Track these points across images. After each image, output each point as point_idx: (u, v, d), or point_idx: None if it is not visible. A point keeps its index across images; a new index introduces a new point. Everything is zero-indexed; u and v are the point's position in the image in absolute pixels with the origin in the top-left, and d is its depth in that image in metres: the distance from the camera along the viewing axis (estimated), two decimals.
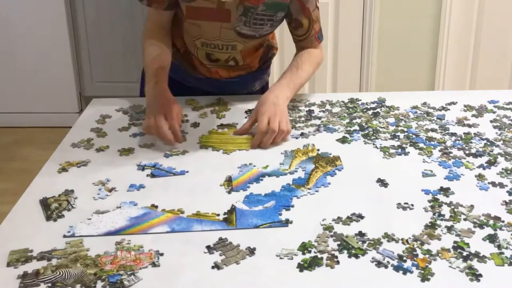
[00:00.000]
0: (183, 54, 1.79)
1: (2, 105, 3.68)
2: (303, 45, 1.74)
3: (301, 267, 1.05)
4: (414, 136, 1.54)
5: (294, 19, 1.68)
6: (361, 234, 1.14)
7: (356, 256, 1.08)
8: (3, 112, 3.70)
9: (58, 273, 1.04)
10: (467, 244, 1.11)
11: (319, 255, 1.08)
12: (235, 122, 1.62)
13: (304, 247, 1.10)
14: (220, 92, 1.82)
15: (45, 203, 1.26)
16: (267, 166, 1.40)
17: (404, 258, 1.07)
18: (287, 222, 1.19)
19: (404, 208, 1.23)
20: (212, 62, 1.76)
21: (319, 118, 1.66)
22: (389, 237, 1.13)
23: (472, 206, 1.23)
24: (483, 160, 1.42)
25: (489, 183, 1.32)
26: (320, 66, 1.79)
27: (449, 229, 1.15)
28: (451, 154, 1.45)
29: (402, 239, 1.12)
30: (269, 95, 1.58)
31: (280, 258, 1.08)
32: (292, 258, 1.08)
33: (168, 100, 1.54)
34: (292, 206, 1.24)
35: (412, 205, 1.23)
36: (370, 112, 1.69)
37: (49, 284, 1.02)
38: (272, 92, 1.60)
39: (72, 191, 1.31)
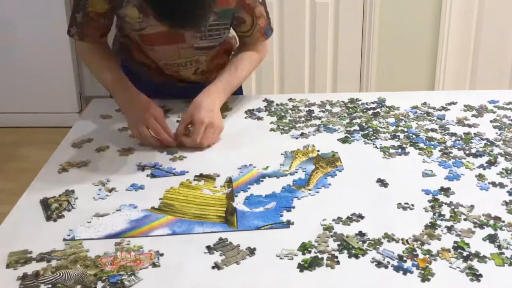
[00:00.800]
0: (154, 69, 1.73)
1: (2, 105, 3.68)
2: (249, 41, 1.68)
3: (301, 267, 1.05)
4: (414, 136, 1.54)
5: (236, 17, 1.61)
6: (361, 234, 1.14)
7: (356, 256, 1.08)
8: (3, 112, 3.70)
9: (58, 274, 1.04)
10: (467, 244, 1.11)
11: (319, 255, 1.08)
12: (216, 173, 1.37)
13: (304, 247, 1.10)
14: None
15: (45, 203, 1.26)
16: (267, 167, 1.40)
17: (404, 258, 1.07)
18: (288, 223, 1.18)
19: (404, 208, 1.23)
20: (180, 81, 1.74)
21: (319, 118, 1.66)
22: (389, 237, 1.13)
23: (472, 206, 1.23)
24: (483, 160, 1.42)
25: (489, 183, 1.32)
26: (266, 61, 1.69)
27: (449, 229, 1.15)
28: (451, 154, 1.45)
29: (402, 239, 1.12)
30: (205, 100, 1.52)
31: (280, 258, 1.08)
32: (292, 258, 1.08)
33: (144, 103, 1.51)
34: (293, 207, 1.24)
35: (412, 205, 1.23)
36: (370, 112, 1.69)
37: (49, 286, 1.02)
38: (208, 97, 1.54)
39: (73, 191, 1.31)
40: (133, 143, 1.53)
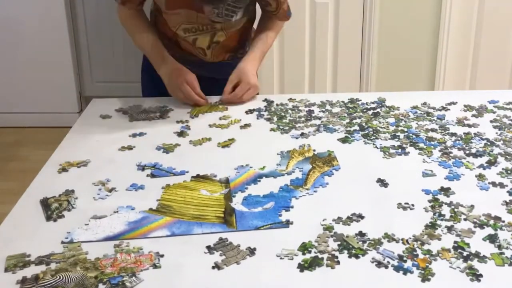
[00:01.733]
0: (175, 42, 1.85)
1: (2, 105, 3.67)
2: (273, 20, 1.89)
3: (302, 267, 1.05)
4: (414, 136, 1.54)
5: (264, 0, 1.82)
6: (361, 234, 1.14)
7: (357, 256, 1.08)
8: (3, 112, 3.69)
9: (58, 277, 1.03)
10: (468, 244, 1.11)
11: (320, 255, 1.08)
12: (213, 174, 1.37)
13: (304, 247, 1.10)
14: (213, 75, 1.86)
15: (45, 203, 1.26)
16: (264, 167, 1.40)
17: (405, 258, 1.07)
18: (287, 223, 1.18)
19: (404, 208, 1.23)
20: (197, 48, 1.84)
21: (319, 118, 1.66)
22: (390, 237, 1.13)
23: (472, 206, 1.23)
24: (483, 160, 1.42)
25: (489, 183, 1.32)
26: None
27: (450, 229, 1.15)
28: (451, 154, 1.45)
29: (402, 239, 1.12)
30: (248, 66, 1.78)
31: (281, 258, 1.08)
32: (292, 258, 1.08)
33: (179, 71, 1.75)
34: (292, 207, 1.24)
35: (413, 205, 1.23)
36: (370, 112, 1.69)
37: None
38: (250, 62, 1.79)
39: (73, 191, 1.30)
40: (133, 143, 1.53)
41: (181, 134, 1.58)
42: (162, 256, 1.09)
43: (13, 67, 3.59)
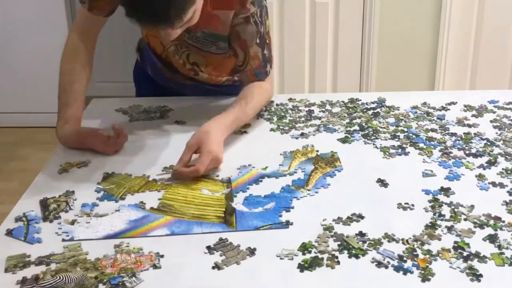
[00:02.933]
0: (164, 58, 1.74)
1: (2, 105, 3.67)
2: (240, 78, 1.63)
3: (302, 267, 1.06)
4: (414, 136, 1.54)
5: (231, 46, 1.58)
6: (361, 234, 1.14)
7: (357, 256, 1.08)
8: (3, 112, 3.69)
9: (58, 277, 1.03)
10: (468, 244, 1.11)
11: (320, 255, 1.08)
12: (215, 173, 1.37)
13: (304, 248, 1.10)
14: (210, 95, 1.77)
15: (44, 204, 1.26)
16: (266, 167, 1.40)
17: (405, 258, 1.07)
18: (287, 224, 1.18)
19: (404, 208, 1.23)
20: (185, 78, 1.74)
21: (319, 118, 1.66)
22: (390, 237, 1.13)
23: (472, 206, 1.23)
24: (483, 160, 1.42)
25: (489, 183, 1.32)
26: (269, 99, 1.67)
27: (450, 229, 1.15)
28: (451, 154, 1.45)
29: (402, 239, 1.12)
30: (214, 131, 1.41)
31: (281, 258, 1.08)
32: (292, 259, 1.08)
33: (86, 135, 1.51)
34: (292, 208, 1.24)
35: (413, 205, 1.23)
36: (370, 112, 1.69)
37: None
38: (218, 127, 1.43)
39: (73, 192, 1.30)
40: (133, 143, 1.53)
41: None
42: (162, 256, 1.09)
43: (13, 67, 3.59)
